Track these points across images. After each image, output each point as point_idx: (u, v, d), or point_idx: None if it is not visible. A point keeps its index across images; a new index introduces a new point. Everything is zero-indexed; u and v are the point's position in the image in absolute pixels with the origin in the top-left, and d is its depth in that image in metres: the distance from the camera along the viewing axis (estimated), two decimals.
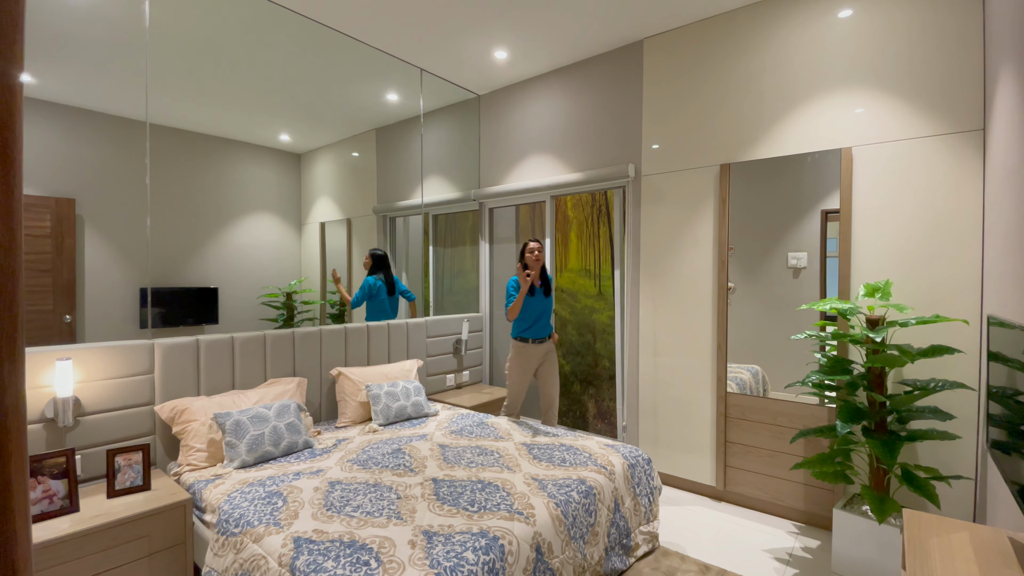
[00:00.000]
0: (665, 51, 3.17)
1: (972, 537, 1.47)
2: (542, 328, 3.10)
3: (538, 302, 3.08)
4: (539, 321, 3.08)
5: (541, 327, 3.09)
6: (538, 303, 3.08)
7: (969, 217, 2.23)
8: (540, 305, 3.08)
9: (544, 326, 3.10)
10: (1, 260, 0.35)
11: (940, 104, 2.29)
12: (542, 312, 3.09)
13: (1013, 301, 1.68)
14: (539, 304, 3.08)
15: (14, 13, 0.37)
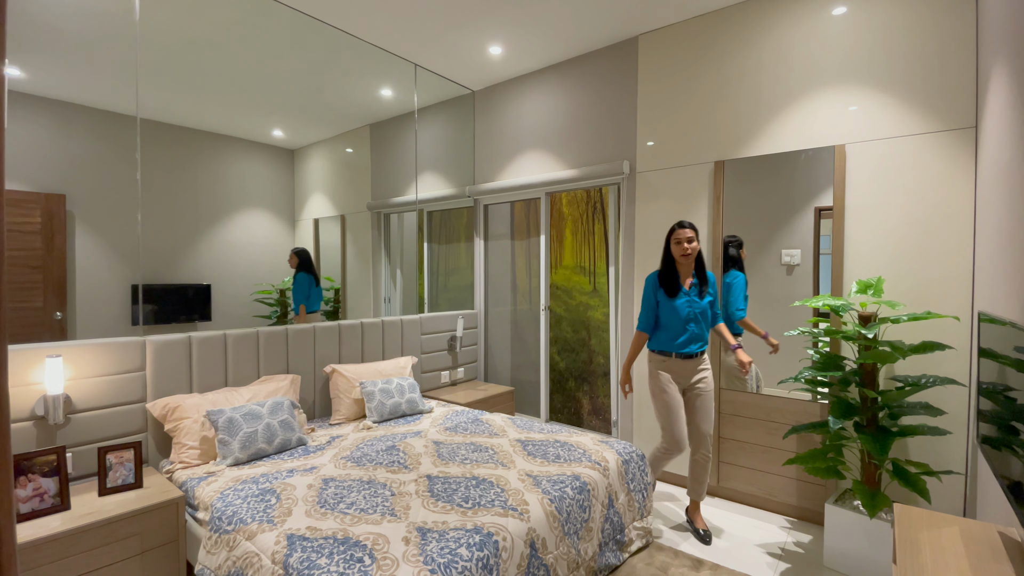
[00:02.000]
0: (660, 48, 3.17)
1: (962, 531, 1.48)
2: (692, 340, 2.45)
3: (685, 306, 2.44)
4: (687, 331, 2.45)
5: (690, 339, 2.45)
6: (684, 307, 2.43)
7: (961, 214, 2.24)
8: (688, 310, 2.44)
9: (695, 338, 2.45)
10: None
11: (933, 102, 2.31)
12: (690, 319, 2.44)
13: (1004, 298, 1.69)
14: (686, 309, 2.44)
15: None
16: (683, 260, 2.43)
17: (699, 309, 2.45)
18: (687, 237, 2.40)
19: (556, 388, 4.07)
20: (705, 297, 2.47)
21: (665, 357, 2.50)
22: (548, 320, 4.00)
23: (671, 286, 2.46)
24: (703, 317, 2.47)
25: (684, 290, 2.45)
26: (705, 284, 2.47)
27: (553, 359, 4.06)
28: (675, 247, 2.43)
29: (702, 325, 2.47)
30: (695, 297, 2.45)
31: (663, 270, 2.49)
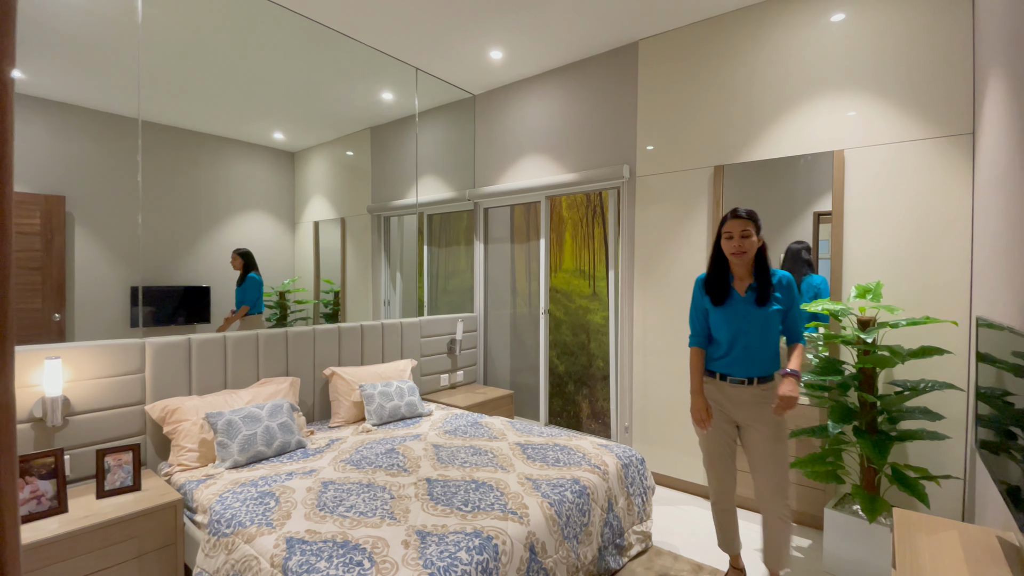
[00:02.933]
0: (660, 53, 3.19)
1: (961, 536, 1.48)
2: (742, 361, 1.94)
3: (741, 315, 1.93)
4: (734, 349, 1.95)
5: (740, 359, 1.94)
6: (733, 318, 1.94)
7: (959, 220, 2.25)
8: (745, 319, 1.93)
9: (748, 359, 1.93)
10: None
11: (931, 108, 2.32)
12: (740, 333, 1.93)
13: (1002, 303, 1.70)
14: (742, 317, 1.93)
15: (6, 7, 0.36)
16: (736, 260, 1.93)
17: (757, 321, 1.91)
18: (741, 231, 1.88)
19: (555, 392, 4.07)
20: (769, 304, 1.90)
21: (709, 378, 2.02)
22: (548, 323, 4.00)
23: (718, 291, 1.97)
24: (765, 331, 1.91)
25: (737, 295, 1.94)
26: (769, 287, 1.91)
27: (552, 362, 4.06)
28: (725, 243, 1.94)
29: (762, 341, 1.91)
30: (752, 305, 1.92)
31: (710, 271, 2.02)
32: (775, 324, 1.93)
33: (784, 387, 1.84)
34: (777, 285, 1.93)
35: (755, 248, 1.91)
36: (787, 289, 1.94)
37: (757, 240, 1.91)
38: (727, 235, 1.94)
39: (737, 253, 1.91)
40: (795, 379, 1.85)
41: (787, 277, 1.95)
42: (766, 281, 1.93)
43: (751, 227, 1.90)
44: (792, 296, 1.94)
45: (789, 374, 1.86)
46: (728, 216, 1.94)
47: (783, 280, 1.95)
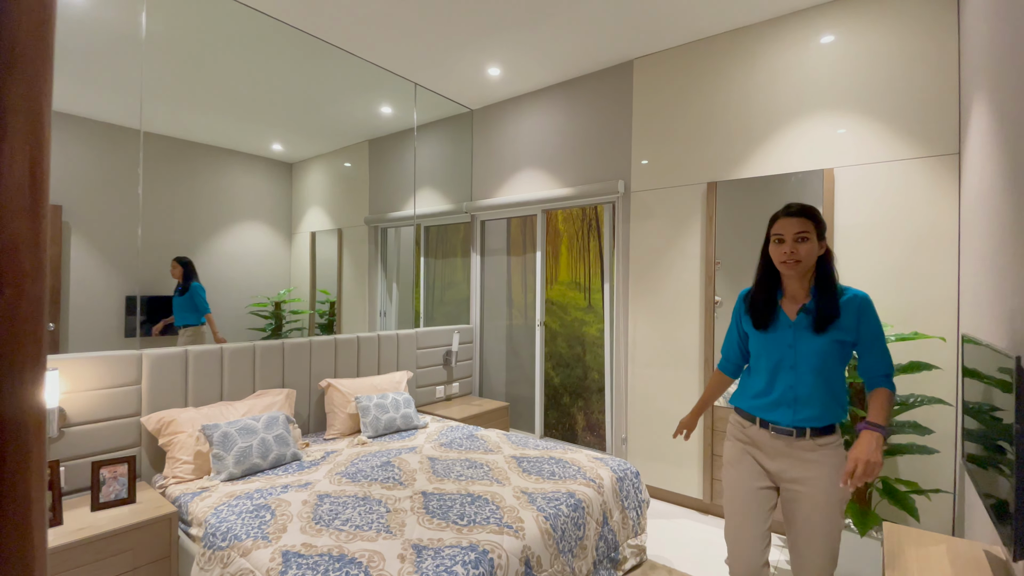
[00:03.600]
0: (654, 71, 3.25)
1: (949, 550, 1.51)
2: (786, 403, 1.51)
3: (787, 343, 1.52)
4: (776, 387, 1.53)
5: (781, 400, 1.52)
6: (786, 346, 1.52)
7: (946, 238, 2.31)
8: (792, 350, 1.51)
9: (794, 401, 1.50)
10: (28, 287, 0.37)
11: (918, 128, 2.38)
12: (784, 367, 1.52)
13: (987, 320, 1.74)
14: (788, 347, 1.52)
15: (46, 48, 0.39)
16: (787, 271, 1.49)
17: (808, 353, 1.47)
18: (796, 232, 1.45)
19: (551, 404, 4.08)
20: (830, 331, 1.45)
21: (746, 422, 1.60)
22: (543, 335, 4.03)
23: (762, 311, 1.56)
24: (820, 368, 1.46)
25: (784, 319, 1.52)
26: (833, 309, 1.45)
27: (548, 374, 4.07)
28: (774, 249, 1.51)
29: (816, 381, 1.47)
30: (805, 331, 1.48)
31: (757, 284, 1.61)
32: (836, 360, 1.47)
33: (861, 447, 1.33)
34: (845, 308, 1.45)
35: (814, 256, 1.47)
36: (860, 314, 1.44)
37: (819, 246, 1.47)
38: (777, 238, 1.49)
39: (789, 262, 1.46)
40: (876, 435, 1.34)
41: (861, 299, 1.45)
42: (828, 302, 1.45)
43: (810, 227, 1.45)
44: (869, 325, 1.45)
45: (869, 427, 1.36)
46: (780, 213, 1.50)
47: (855, 302, 1.45)
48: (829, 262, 1.52)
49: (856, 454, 1.34)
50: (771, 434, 1.55)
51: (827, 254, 1.51)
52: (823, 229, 1.49)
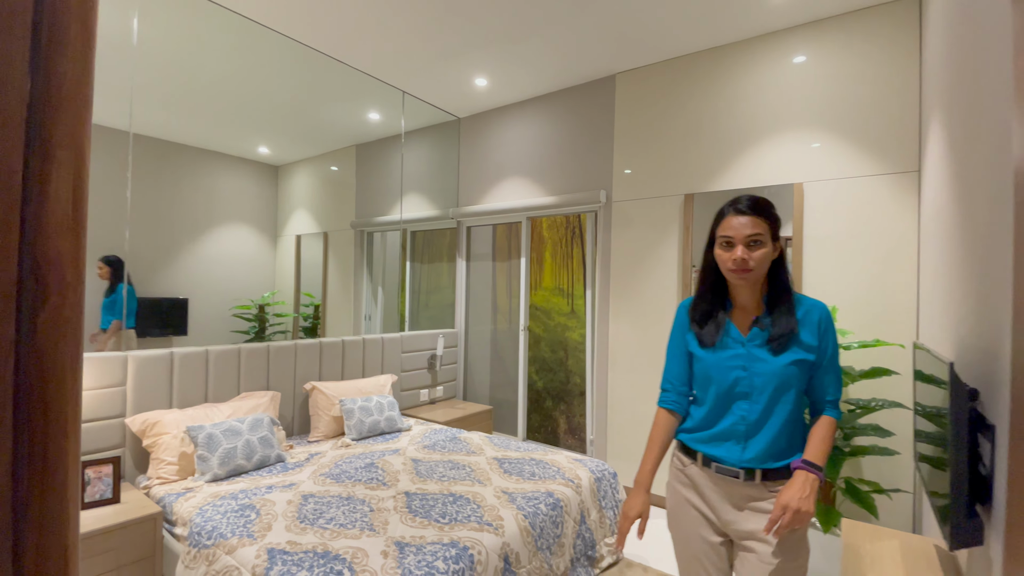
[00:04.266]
0: (636, 86, 3.37)
1: (902, 545, 1.61)
2: (748, 438, 1.26)
3: (739, 366, 1.27)
4: (727, 417, 1.28)
5: (745, 435, 1.26)
6: (738, 368, 1.27)
7: (907, 251, 2.44)
8: (745, 374, 1.26)
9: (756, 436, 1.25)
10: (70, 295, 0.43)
11: (882, 146, 2.52)
12: (739, 395, 1.27)
13: (939, 328, 1.86)
14: (741, 369, 1.27)
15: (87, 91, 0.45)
16: (736, 280, 1.24)
17: (765, 378, 1.22)
18: (748, 236, 1.20)
19: (534, 407, 4.15)
20: (790, 349, 1.22)
21: (685, 458, 1.34)
22: (527, 340, 4.10)
23: (708, 324, 1.31)
24: (778, 395, 1.22)
25: (735, 335, 1.27)
26: (790, 322, 1.22)
27: (531, 378, 4.14)
28: (720, 254, 1.25)
29: (772, 411, 1.22)
30: (761, 348, 1.24)
31: (700, 293, 1.35)
32: (796, 384, 1.22)
33: (792, 490, 1.13)
34: (805, 321, 1.23)
35: (767, 262, 1.21)
36: (822, 329, 1.23)
37: (772, 248, 1.21)
38: (724, 240, 1.23)
39: (739, 271, 1.20)
40: (812, 478, 1.14)
41: (822, 310, 1.24)
42: (785, 314, 1.23)
43: (764, 228, 1.19)
44: (830, 342, 1.24)
45: (805, 467, 1.16)
46: (726, 209, 1.25)
47: (815, 314, 1.24)
48: (783, 266, 1.26)
49: (785, 500, 1.12)
50: (715, 475, 1.26)
51: (781, 256, 1.25)
52: (778, 228, 1.23)
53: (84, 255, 0.45)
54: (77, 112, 0.44)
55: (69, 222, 0.44)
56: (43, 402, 0.41)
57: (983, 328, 1.25)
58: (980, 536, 1.11)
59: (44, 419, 0.42)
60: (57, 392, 0.43)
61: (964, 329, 1.47)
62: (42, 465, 0.43)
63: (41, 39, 0.41)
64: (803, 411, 1.29)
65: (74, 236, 0.44)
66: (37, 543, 0.42)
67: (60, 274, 0.44)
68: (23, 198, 0.41)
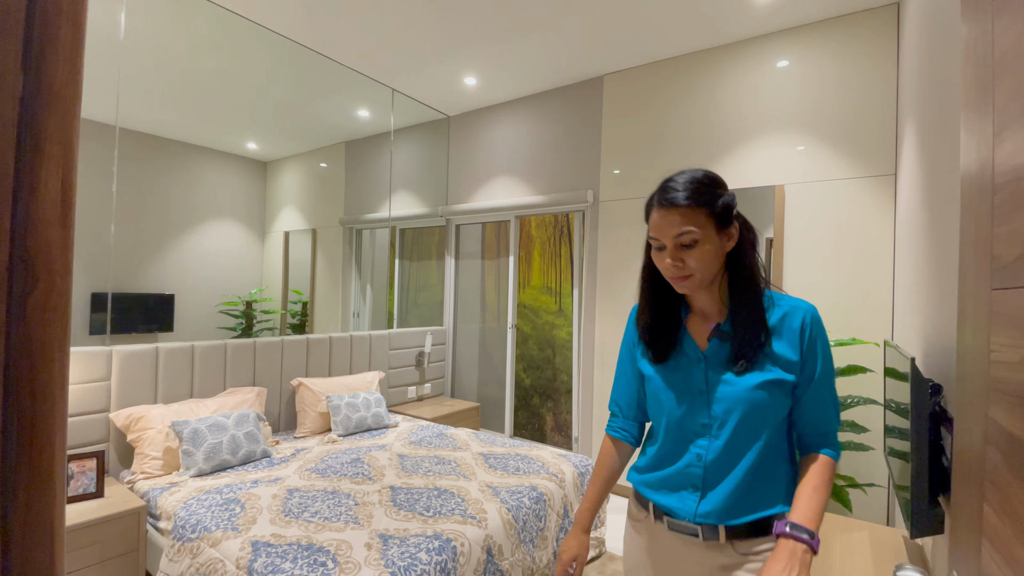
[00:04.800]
0: (623, 87, 3.41)
1: (871, 536, 1.66)
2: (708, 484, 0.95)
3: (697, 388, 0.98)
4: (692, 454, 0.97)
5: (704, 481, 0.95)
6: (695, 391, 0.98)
7: (883, 252, 2.51)
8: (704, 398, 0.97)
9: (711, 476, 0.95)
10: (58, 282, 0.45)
11: (860, 150, 2.58)
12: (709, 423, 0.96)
13: (910, 327, 1.92)
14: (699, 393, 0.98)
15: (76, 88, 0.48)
16: (678, 288, 0.97)
17: (731, 400, 0.95)
18: (677, 236, 0.92)
19: (521, 404, 4.18)
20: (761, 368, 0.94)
21: (639, 510, 1.07)
22: (515, 338, 4.13)
23: (658, 333, 1.04)
24: (747, 424, 0.94)
25: (691, 347, 1.01)
26: (757, 331, 0.95)
27: (519, 376, 4.18)
28: (656, 257, 0.98)
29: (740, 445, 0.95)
30: (724, 365, 0.97)
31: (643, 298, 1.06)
32: (771, 412, 0.93)
33: (775, 566, 0.82)
34: (782, 328, 0.95)
35: (715, 259, 0.93)
36: (808, 338, 0.94)
37: (722, 239, 0.93)
38: (655, 243, 0.96)
39: (677, 279, 0.94)
40: (801, 549, 0.83)
41: (806, 312, 0.95)
42: (751, 318, 0.94)
43: (698, 221, 0.91)
44: (818, 354, 0.94)
45: (791, 534, 0.85)
46: (652, 201, 0.96)
47: (796, 317, 0.95)
48: (748, 256, 0.95)
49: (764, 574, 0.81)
50: (667, 531, 0.99)
51: (744, 243, 0.95)
52: (726, 212, 0.91)
53: (72, 245, 0.47)
54: (67, 109, 0.47)
55: (58, 214, 0.46)
56: (31, 382, 0.44)
57: (944, 326, 1.30)
58: (942, 526, 1.16)
59: (32, 398, 0.45)
60: (45, 373, 0.45)
61: (930, 328, 1.52)
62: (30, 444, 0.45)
63: (33, 39, 0.43)
64: (787, 448, 0.97)
65: (62, 227, 0.46)
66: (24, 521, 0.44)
67: (49, 263, 0.46)
68: (14, 191, 0.43)
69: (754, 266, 0.96)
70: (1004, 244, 0.54)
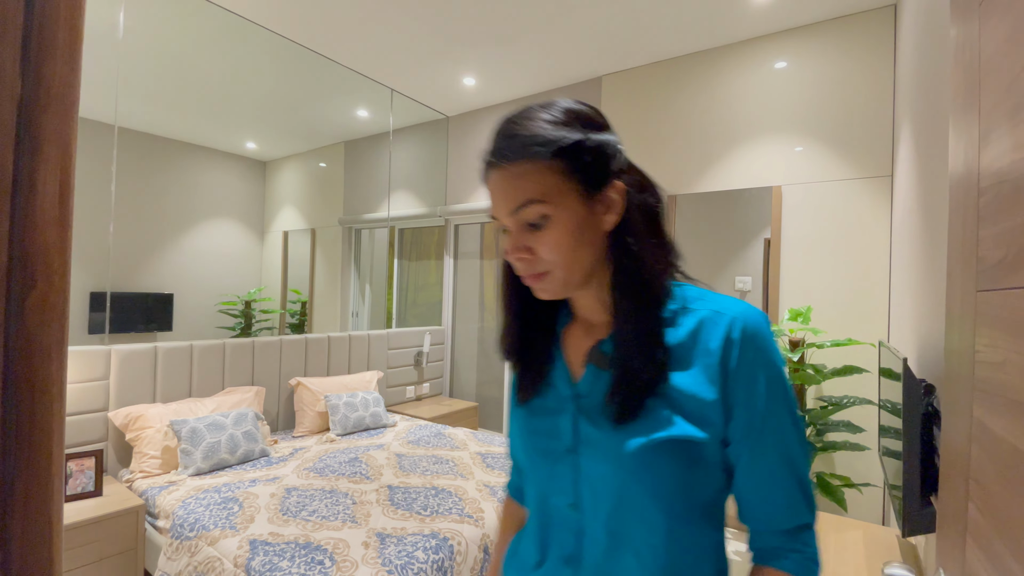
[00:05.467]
0: (622, 88, 3.42)
1: (865, 535, 1.67)
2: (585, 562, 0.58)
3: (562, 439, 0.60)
4: (558, 535, 0.61)
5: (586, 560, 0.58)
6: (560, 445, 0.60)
7: (880, 253, 2.52)
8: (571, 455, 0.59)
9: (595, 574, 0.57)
10: (56, 282, 0.46)
11: (857, 151, 2.59)
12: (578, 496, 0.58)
13: (906, 328, 1.93)
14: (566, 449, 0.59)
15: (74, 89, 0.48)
16: (533, 287, 0.59)
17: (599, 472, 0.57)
18: (513, 210, 0.56)
19: None
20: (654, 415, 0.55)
21: None
22: None
23: (530, 362, 0.67)
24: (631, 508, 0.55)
25: (563, 378, 0.64)
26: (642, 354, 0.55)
27: None
28: (503, 243, 0.60)
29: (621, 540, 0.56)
30: (598, 412, 0.58)
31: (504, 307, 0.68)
32: (672, 491, 0.55)
33: None
34: (688, 348, 0.56)
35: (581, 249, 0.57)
36: (727, 361, 0.55)
37: (597, 210, 0.57)
38: (497, 223, 0.60)
39: (530, 277, 0.59)
40: None
41: (732, 319, 0.55)
42: (638, 333, 0.56)
43: (545, 182, 0.55)
44: (753, 388, 0.54)
45: None
46: (484, 164, 0.60)
47: (715, 333, 0.56)
48: (637, 233, 0.58)
49: None
50: None
51: (633, 213, 0.59)
52: (598, 165, 0.57)
53: (70, 246, 0.48)
54: (65, 111, 0.47)
55: (56, 214, 0.47)
56: (29, 381, 0.44)
57: (936, 327, 1.31)
58: (933, 524, 1.17)
59: (30, 398, 0.45)
60: (43, 372, 0.46)
61: (923, 328, 1.53)
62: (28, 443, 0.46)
63: (31, 43, 0.44)
64: (714, 541, 0.59)
65: (60, 228, 0.47)
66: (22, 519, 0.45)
67: (47, 263, 0.47)
68: (12, 192, 0.44)
69: (645, 251, 0.57)
70: (988, 246, 0.55)
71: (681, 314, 0.58)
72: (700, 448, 0.55)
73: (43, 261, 0.47)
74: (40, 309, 0.47)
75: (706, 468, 0.56)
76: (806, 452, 0.57)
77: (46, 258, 0.48)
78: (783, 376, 0.56)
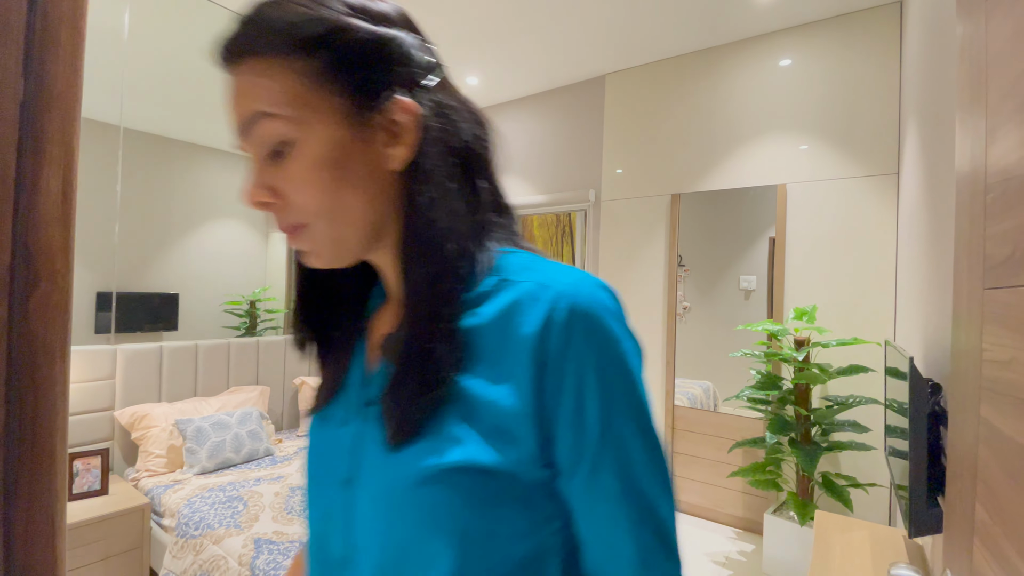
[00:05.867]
0: (625, 86, 3.41)
1: (871, 535, 1.66)
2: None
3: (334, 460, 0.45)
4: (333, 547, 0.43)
5: None
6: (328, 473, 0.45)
7: (886, 251, 2.50)
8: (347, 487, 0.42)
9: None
10: (60, 281, 0.46)
11: (863, 149, 2.57)
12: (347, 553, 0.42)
13: (912, 327, 1.92)
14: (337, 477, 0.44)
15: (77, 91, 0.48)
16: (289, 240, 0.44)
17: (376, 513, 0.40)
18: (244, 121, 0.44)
19: None
20: (437, 437, 0.38)
21: None
22: None
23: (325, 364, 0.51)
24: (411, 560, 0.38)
25: (358, 376, 0.47)
26: (435, 344, 0.39)
27: None
28: None
29: None
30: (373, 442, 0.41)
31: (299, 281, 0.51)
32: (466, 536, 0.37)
33: None
34: (493, 337, 0.39)
35: (348, 189, 0.41)
36: (543, 355, 0.37)
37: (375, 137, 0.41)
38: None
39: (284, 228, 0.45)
40: None
41: (555, 298, 0.38)
42: (425, 318, 0.40)
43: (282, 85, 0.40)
44: (580, 395, 0.37)
45: None
46: None
47: (527, 311, 0.39)
48: (429, 177, 0.41)
49: None
50: None
51: (429, 146, 0.42)
52: (375, 70, 0.42)
53: (73, 245, 0.48)
54: (67, 111, 0.47)
55: (59, 214, 0.47)
56: (33, 379, 0.45)
57: (943, 326, 1.30)
58: (939, 525, 1.16)
59: (34, 396, 0.45)
60: (47, 371, 0.46)
61: (930, 327, 1.52)
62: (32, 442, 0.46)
63: (34, 44, 0.44)
64: None
65: (63, 227, 0.47)
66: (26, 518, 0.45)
67: (50, 262, 0.47)
68: (16, 191, 0.44)
69: (442, 200, 0.42)
70: (996, 244, 0.54)
71: (498, 290, 0.41)
72: (499, 479, 0.37)
73: (46, 260, 0.48)
74: (43, 308, 0.47)
75: (515, 508, 0.38)
76: (666, 481, 0.40)
77: (49, 257, 0.48)
78: (630, 375, 0.39)
